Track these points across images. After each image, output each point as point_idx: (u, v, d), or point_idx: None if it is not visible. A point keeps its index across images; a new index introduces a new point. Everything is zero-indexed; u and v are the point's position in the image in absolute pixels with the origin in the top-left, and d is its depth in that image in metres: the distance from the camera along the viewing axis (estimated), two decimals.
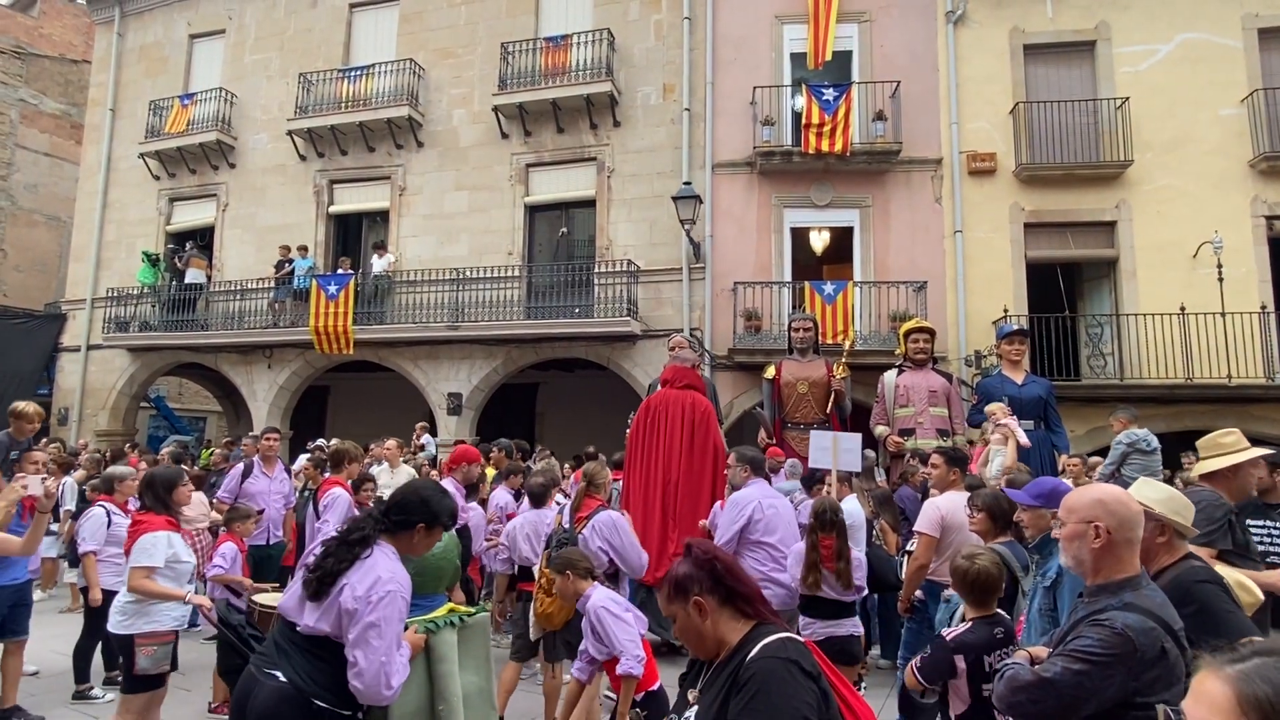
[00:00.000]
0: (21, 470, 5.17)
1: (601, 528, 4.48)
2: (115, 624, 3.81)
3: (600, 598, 3.58)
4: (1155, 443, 6.82)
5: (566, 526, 4.63)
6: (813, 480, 6.30)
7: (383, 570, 2.43)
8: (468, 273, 12.76)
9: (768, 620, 1.85)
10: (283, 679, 2.38)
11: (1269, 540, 3.63)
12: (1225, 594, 2.33)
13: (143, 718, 3.82)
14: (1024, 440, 6.15)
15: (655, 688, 3.54)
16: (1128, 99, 11.05)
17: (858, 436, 5.75)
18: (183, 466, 7.36)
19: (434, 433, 13.23)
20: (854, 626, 4.30)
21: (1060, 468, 7.06)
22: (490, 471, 7.28)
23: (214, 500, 6.79)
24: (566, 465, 9.24)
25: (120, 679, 3.79)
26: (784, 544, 4.64)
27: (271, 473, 6.67)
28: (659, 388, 7.70)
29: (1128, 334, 10.70)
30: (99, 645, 5.45)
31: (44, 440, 12.87)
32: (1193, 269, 10.78)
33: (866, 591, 4.60)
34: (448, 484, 5.22)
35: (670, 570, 1.94)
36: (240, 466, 6.59)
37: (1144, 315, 10.52)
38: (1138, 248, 11.05)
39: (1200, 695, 0.99)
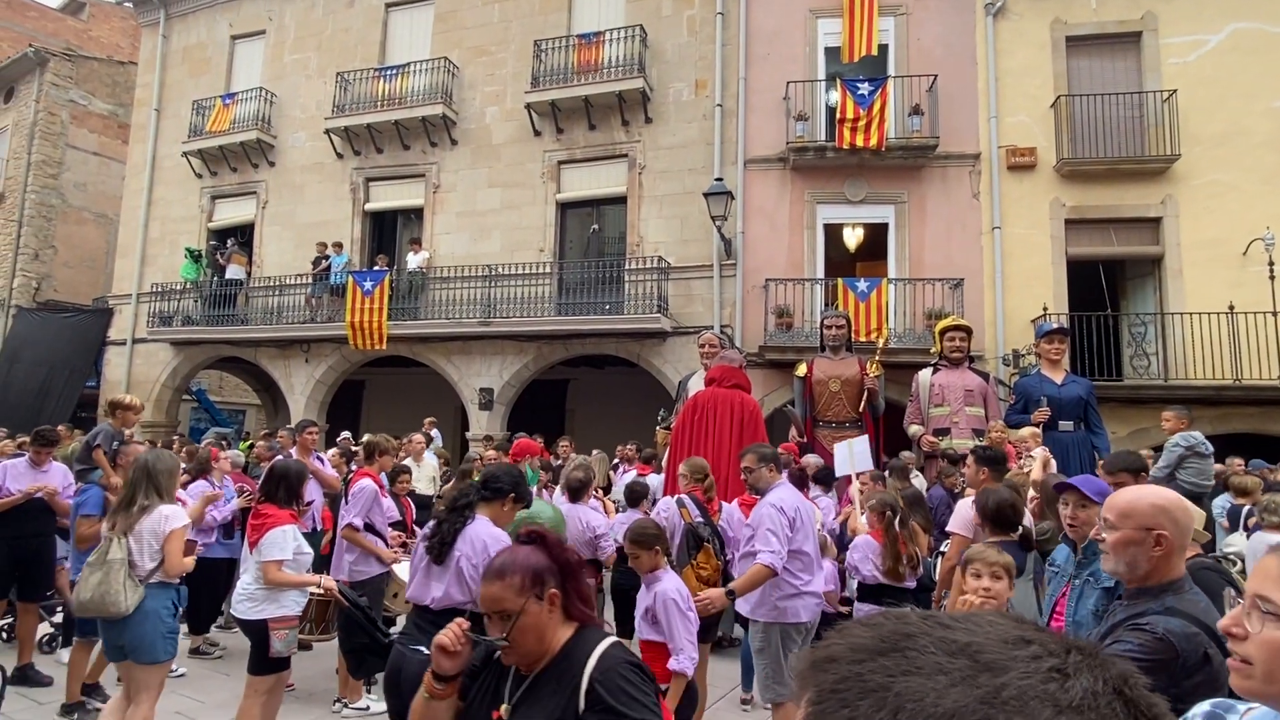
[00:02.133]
0: (123, 461, 5.33)
1: (732, 519, 4.94)
2: (244, 610, 4.01)
3: (671, 586, 3.51)
4: (1210, 447, 6.64)
5: (701, 519, 4.73)
6: (833, 478, 6.32)
7: (485, 534, 2.92)
8: (500, 269, 12.86)
9: (591, 622, 1.76)
10: (427, 653, 2.70)
11: None
12: (1223, 579, 2.26)
13: (272, 696, 4.06)
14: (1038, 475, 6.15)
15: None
16: (1175, 91, 10.72)
17: (864, 438, 6.00)
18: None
19: (466, 427, 13.40)
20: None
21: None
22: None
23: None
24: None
25: (248, 663, 4.06)
26: (814, 550, 4.29)
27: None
28: (690, 383, 7.71)
29: (1173, 333, 10.40)
30: None
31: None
32: (1242, 266, 10.43)
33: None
34: None
35: (516, 557, 1.74)
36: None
37: (1190, 314, 10.21)
38: (1184, 244, 10.72)
39: (1257, 569, 1.25)
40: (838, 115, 11.27)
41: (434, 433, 11.49)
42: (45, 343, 16.95)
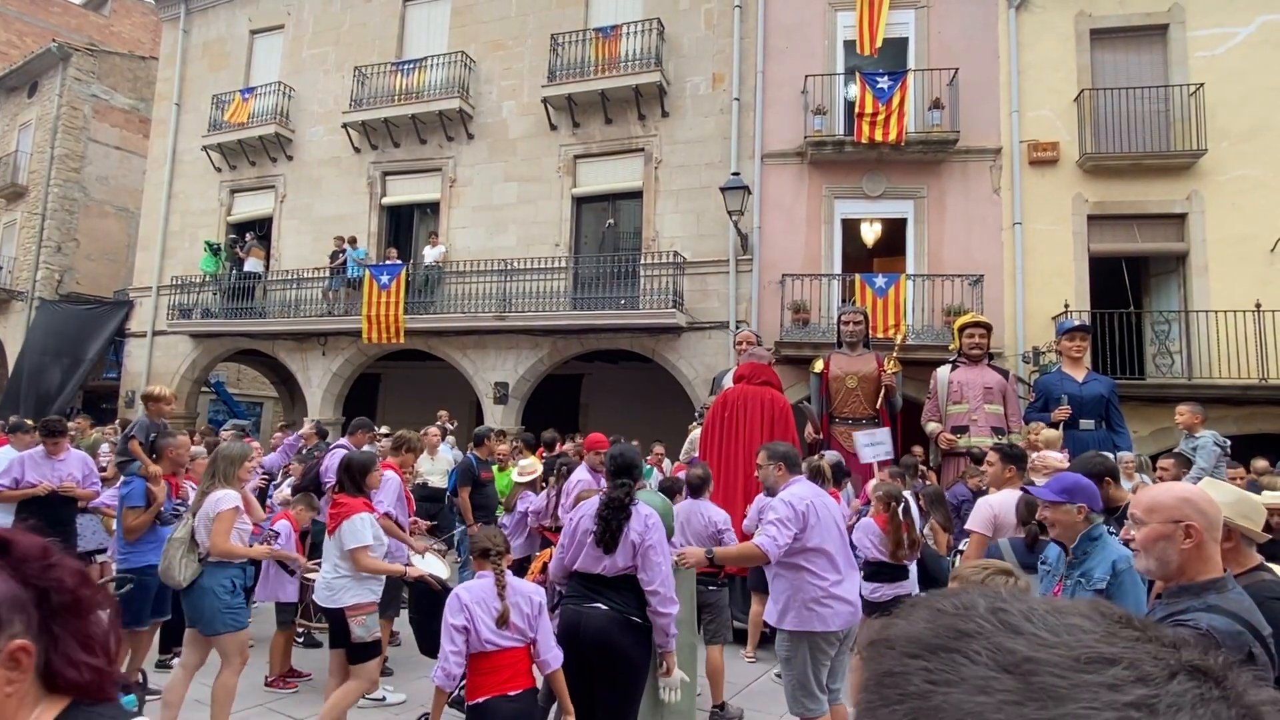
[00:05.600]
0: (169, 454, 5.26)
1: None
2: (323, 598, 4.11)
3: (462, 586, 3.31)
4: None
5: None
6: (845, 475, 6.33)
7: (643, 509, 3.53)
8: (515, 264, 12.86)
9: (100, 694, 1.01)
10: (604, 607, 3.42)
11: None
12: None
13: (374, 683, 4.30)
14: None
15: (480, 701, 3.14)
16: (1202, 85, 10.52)
17: (885, 429, 6.20)
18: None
19: (480, 421, 13.42)
20: (912, 585, 4.84)
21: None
22: (534, 460, 7.37)
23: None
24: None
25: (347, 654, 4.19)
26: (838, 551, 4.00)
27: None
28: (726, 381, 7.73)
29: (1197, 331, 10.23)
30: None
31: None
32: (1270, 264, 10.24)
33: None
34: (582, 470, 5.95)
35: None
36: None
37: (1215, 312, 10.03)
38: (1210, 241, 10.54)
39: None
40: (856, 109, 11.15)
41: (448, 426, 11.51)
42: (68, 335, 17.18)
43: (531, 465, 6.88)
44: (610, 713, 3.44)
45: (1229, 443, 6.65)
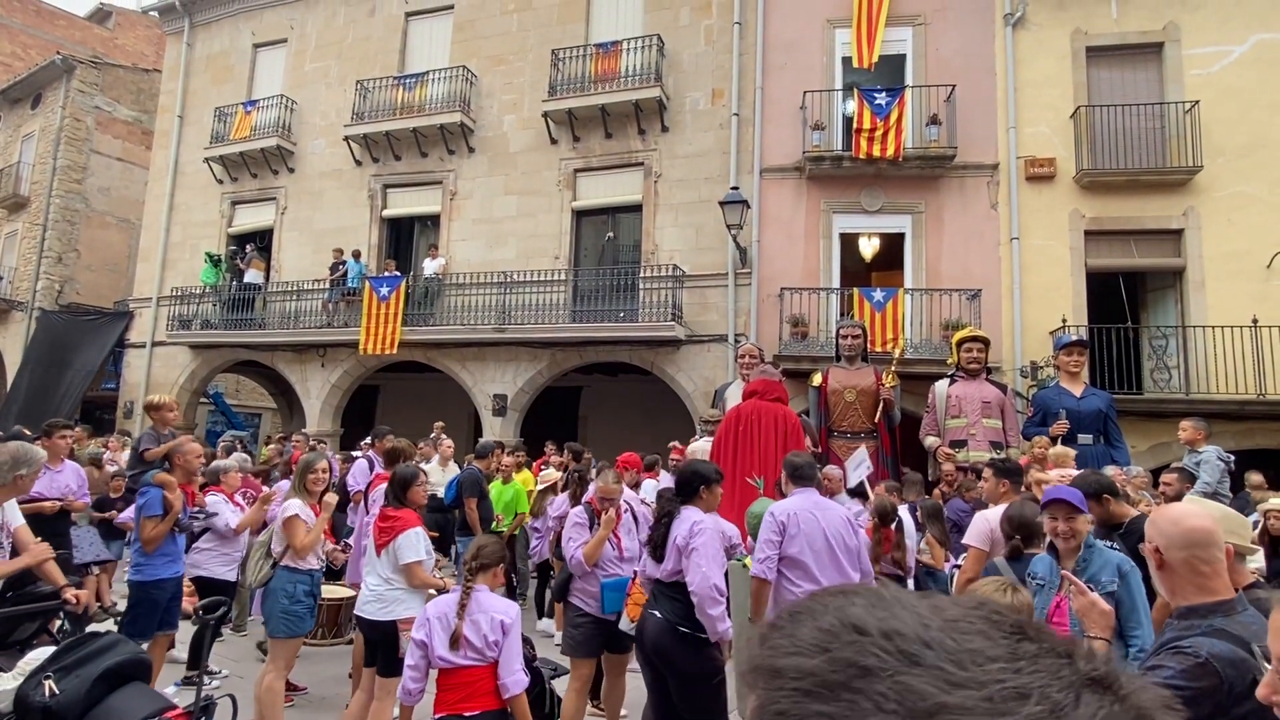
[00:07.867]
0: (179, 461, 5.21)
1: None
2: (373, 611, 4.07)
3: (433, 601, 3.51)
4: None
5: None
6: (860, 490, 6.34)
7: (695, 517, 3.66)
8: (515, 276, 12.90)
9: None
10: (659, 615, 3.67)
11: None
12: None
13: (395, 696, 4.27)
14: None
15: (437, 718, 3.16)
16: (1197, 102, 10.61)
17: (862, 450, 6.46)
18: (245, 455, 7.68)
19: (479, 433, 13.42)
20: None
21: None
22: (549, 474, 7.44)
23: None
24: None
25: (379, 665, 4.18)
26: (821, 564, 3.96)
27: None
28: (728, 394, 7.76)
29: (1194, 346, 10.26)
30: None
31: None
32: (1266, 279, 10.28)
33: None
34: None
35: None
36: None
37: (1213, 327, 10.07)
38: (1206, 257, 10.59)
39: (1275, 628, 1.20)
40: (854, 125, 11.24)
41: (444, 437, 11.48)
42: (68, 345, 17.20)
43: (550, 474, 7.39)
44: (692, 714, 3.64)
45: (1233, 458, 6.65)
